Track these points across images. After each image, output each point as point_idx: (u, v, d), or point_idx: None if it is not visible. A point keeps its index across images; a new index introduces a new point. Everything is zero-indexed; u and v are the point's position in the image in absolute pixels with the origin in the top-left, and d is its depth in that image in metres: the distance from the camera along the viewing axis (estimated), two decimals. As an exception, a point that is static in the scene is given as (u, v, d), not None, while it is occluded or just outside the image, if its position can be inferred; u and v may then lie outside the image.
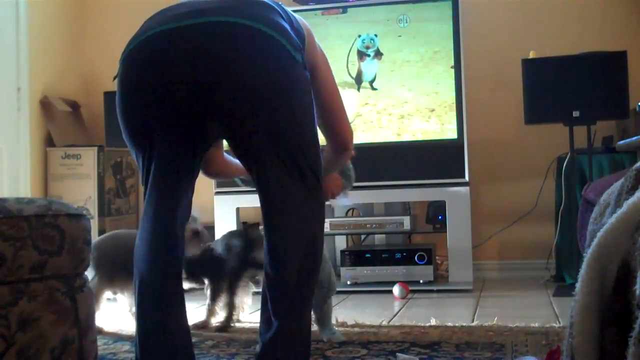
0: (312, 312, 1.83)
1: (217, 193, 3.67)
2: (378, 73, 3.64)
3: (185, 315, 1.72)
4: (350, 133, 2.00)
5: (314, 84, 1.82)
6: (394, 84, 3.62)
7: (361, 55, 3.66)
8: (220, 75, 1.56)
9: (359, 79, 3.67)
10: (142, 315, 1.67)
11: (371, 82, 3.65)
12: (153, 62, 1.60)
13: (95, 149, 3.95)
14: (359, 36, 3.65)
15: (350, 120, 3.60)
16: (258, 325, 1.71)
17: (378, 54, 3.64)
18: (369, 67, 3.65)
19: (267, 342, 1.62)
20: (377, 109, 3.63)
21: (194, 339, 2.37)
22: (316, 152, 1.70)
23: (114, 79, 1.68)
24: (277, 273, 1.63)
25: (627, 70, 3.14)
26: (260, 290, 1.73)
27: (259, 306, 1.72)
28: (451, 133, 3.52)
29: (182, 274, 1.77)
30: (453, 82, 3.53)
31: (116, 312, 2.83)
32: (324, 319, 2.36)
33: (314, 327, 2.48)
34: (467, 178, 3.47)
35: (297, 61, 1.64)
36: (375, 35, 3.64)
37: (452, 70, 3.54)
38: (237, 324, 2.64)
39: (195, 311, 2.88)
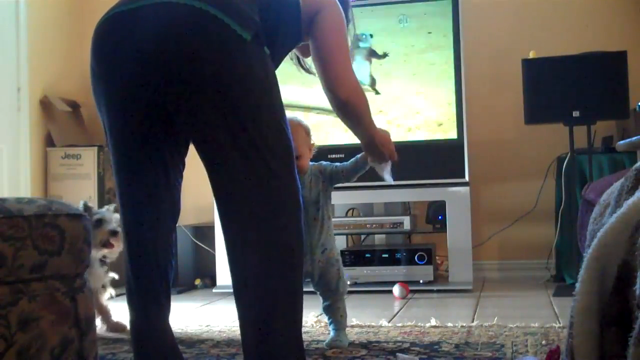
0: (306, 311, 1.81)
1: (217, 193, 3.65)
2: (377, 73, 3.64)
3: (168, 317, 1.75)
4: (345, 82, 1.78)
5: (313, 30, 1.75)
6: (394, 84, 3.62)
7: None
8: (159, 61, 1.52)
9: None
10: (131, 318, 1.73)
11: (372, 85, 3.63)
12: (103, 46, 1.62)
13: (95, 149, 3.95)
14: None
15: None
16: None
17: (372, 55, 3.63)
18: (361, 67, 3.60)
19: (253, 349, 1.58)
20: (377, 109, 3.62)
21: (194, 339, 2.38)
22: (276, 132, 1.56)
23: None
24: (238, 283, 1.54)
25: (627, 70, 3.14)
26: None
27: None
28: (451, 133, 3.52)
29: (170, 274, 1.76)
30: (453, 82, 3.53)
31: (116, 312, 2.82)
32: (333, 320, 2.27)
33: (318, 327, 2.48)
34: (467, 178, 3.47)
35: (244, 39, 1.53)
36: (371, 35, 3.62)
37: (452, 71, 3.53)
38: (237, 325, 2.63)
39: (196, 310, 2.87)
